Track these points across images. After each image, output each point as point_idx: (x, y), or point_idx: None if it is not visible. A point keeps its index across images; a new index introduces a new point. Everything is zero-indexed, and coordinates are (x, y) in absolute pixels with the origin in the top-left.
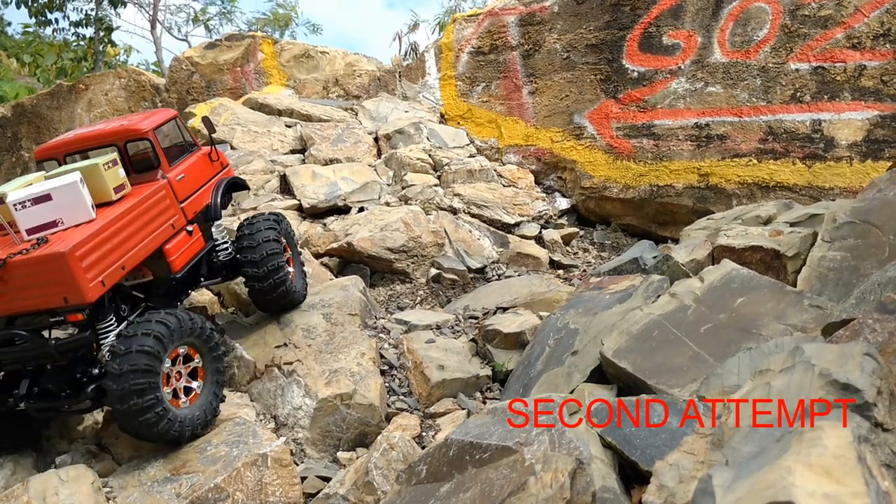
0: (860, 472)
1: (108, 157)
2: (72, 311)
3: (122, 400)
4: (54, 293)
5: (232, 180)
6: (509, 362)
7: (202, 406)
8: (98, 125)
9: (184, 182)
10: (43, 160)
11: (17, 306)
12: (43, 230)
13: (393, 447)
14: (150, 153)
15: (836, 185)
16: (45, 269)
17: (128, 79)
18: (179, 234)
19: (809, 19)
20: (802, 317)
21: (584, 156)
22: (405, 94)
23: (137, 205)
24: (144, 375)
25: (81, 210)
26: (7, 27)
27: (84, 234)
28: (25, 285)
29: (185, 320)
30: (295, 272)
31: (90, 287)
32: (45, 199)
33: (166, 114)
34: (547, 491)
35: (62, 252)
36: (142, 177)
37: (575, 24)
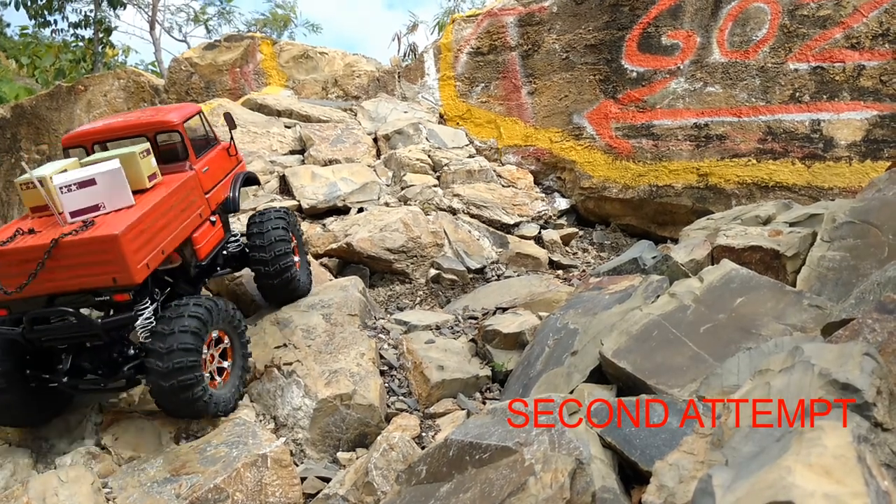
0: (860, 472)
1: (143, 146)
2: (119, 291)
3: (166, 377)
4: (104, 273)
5: (246, 175)
6: (509, 363)
7: (232, 385)
8: (127, 116)
9: (208, 174)
10: (70, 147)
11: (64, 285)
12: (85, 213)
13: (393, 447)
14: (179, 145)
15: (835, 184)
16: (96, 250)
17: (127, 80)
18: (205, 223)
19: (808, 19)
20: (802, 317)
21: (583, 156)
22: (404, 95)
23: (175, 193)
24: (189, 354)
25: (123, 196)
26: (6, 28)
27: (132, 219)
28: (75, 265)
29: (220, 305)
30: (301, 266)
31: (138, 269)
32: (89, 183)
33: (192, 108)
34: (547, 491)
35: (115, 234)
36: (169, 167)
37: (574, 24)
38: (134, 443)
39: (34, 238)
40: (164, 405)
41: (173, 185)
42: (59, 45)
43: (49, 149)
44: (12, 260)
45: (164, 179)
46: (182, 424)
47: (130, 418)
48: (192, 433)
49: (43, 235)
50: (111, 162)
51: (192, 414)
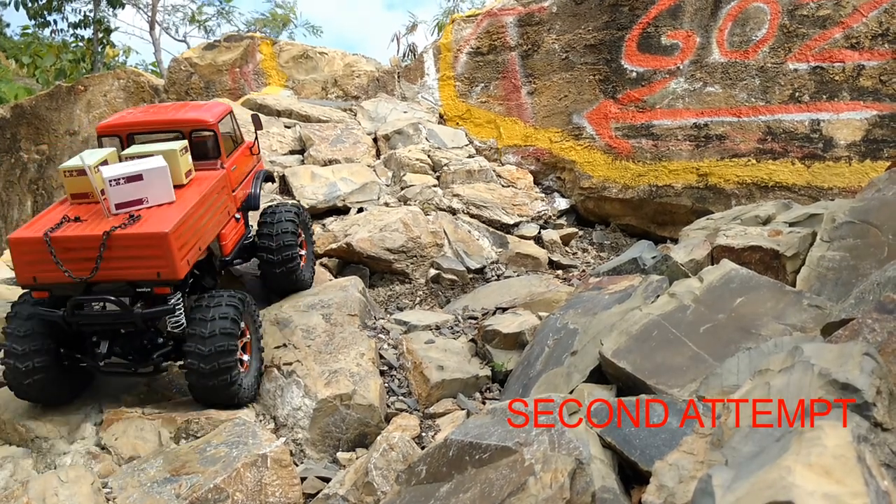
0: (860, 472)
1: (182, 143)
2: (162, 284)
3: (207, 359)
4: (149, 267)
5: (265, 174)
6: (509, 363)
7: (253, 376)
8: (162, 110)
9: (235, 173)
10: (104, 135)
11: (108, 275)
12: (130, 206)
13: (392, 447)
14: (212, 143)
15: (834, 184)
16: (146, 245)
17: (126, 80)
18: (230, 220)
19: (808, 19)
20: (802, 317)
21: (582, 156)
22: (404, 95)
23: (211, 192)
24: (229, 339)
25: (165, 192)
26: (6, 28)
27: (178, 217)
28: (122, 257)
29: (246, 299)
30: (306, 260)
31: (182, 265)
32: (137, 178)
33: (225, 107)
34: (546, 491)
35: (165, 232)
36: (201, 164)
37: (573, 24)
38: (134, 443)
39: (84, 227)
40: (198, 389)
41: (209, 184)
42: (59, 45)
43: (49, 149)
44: (63, 247)
45: (197, 176)
46: (182, 424)
47: (130, 418)
48: (191, 433)
49: (91, 225)
50: (157, 159)
51: (225, 399)
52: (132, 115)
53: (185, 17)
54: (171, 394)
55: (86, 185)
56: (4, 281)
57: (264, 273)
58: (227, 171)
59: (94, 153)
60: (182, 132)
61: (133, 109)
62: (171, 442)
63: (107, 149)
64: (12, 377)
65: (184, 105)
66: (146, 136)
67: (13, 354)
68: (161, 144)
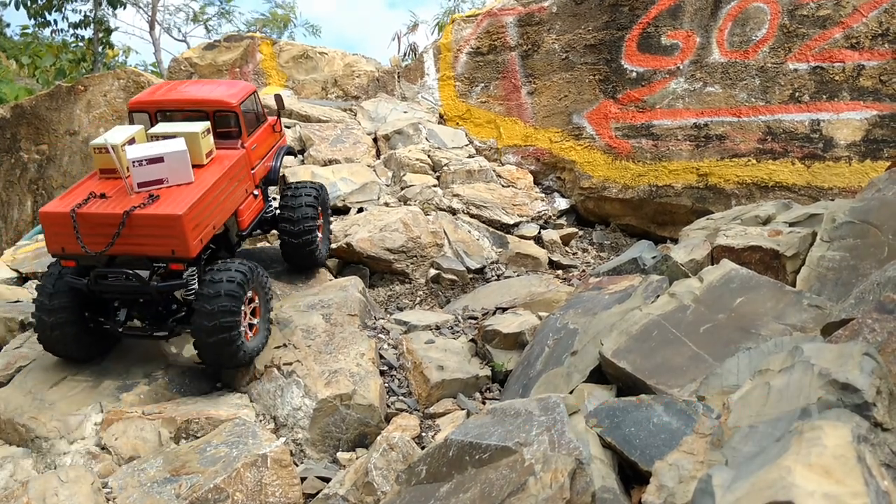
0: (860, 472)
1: (204, 125)
2: (176, 261)
3: (210, 333)
4: (165, 244)
5: (287, 148)
6: (509, 363)
7: (260, 338)
8: (188, 88)
9: (255, 151)
10: (135, 111)
11: (128, 249)
12: (151, 185)
13: (392, 447)
14: (234, 124)
15: (834, 184)
16: (161, 225)
17: (126, 80)
18: (248, 197)
19: (808, 19)
20: (802, 317)
21: (582, 156)
22: (404, 95)
23: (227, 174)
24: (232, 301)
25: (185, 173)
26: (6, 28)
27: (193, 199)
28: (140, 234)
29: (254, 269)
30: (322, 237)
31: (194, 244)
32: (158, 160)
33: (248, 88)
34: (547, 491)
35: (179, 215)
36: (223, 143)
37: (573, 24)
38: (134, 443)
39: (107, 205)
40: (202, 348)
41: (227, 165)
42: (59, 45)
43: (49, 149)
44: (88, 222)
45: (218, 156)
46: (182, 424)
47: (130, 418)
48: (191, 433)
49: (114, 203)
50: (178, 142)
51: (226, 357)
52: (161, 93)
53: (188, 17)
54: (172, 394)
55: (111, 162)
56: (4, 281)
57: (283, 247)
58: (248, 150)
59: (123, 130)
60: (206, 112)
61: (163, 85)
62: (171, 442)
63: (135, 126)
64: (40, 329)
65: (211, 83)
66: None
67: (41, 308)
68: (185, 125)
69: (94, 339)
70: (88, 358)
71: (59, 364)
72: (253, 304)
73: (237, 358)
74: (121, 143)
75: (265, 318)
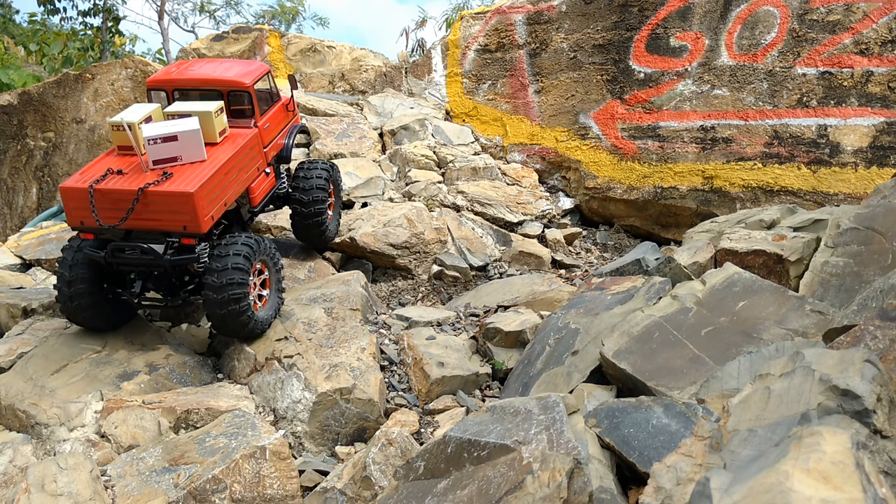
0: (858, 479)
1: (218, 104)
2: (187, 236)
3: (220, 290)
4: (177, 220)
5: (301, 127)
6: (509, 361)
7: (270, 308)
8: (204, 67)
9: (268, 130)
10: (153, 89)
11: (142, 224)
12: (165, 163)
13: (391, 443)
14: (247, 103)
15: (840, 190)
16: (174, 201)
17: (134, 69)
18: (260, 174)
19: (818, 24)
20: (804, 322)
21: (588, 156)
22: (411, 91)
23: (239, 153)
24: (239, 273)
25: (197, 152)
26: (15, 15)
27: (204, 177)
28: (154, 210)
29: (262, 242)
30: (333, 215)
31: (205, 220)
32: (172, 139)
33: (262, 68)
34: (544, 490)
35: (191, 192)
36: (236, 122)
37: (582, 23)
38: (133, 432)
39: (123, 181)
40: (214, 319)
41: (239, 144)
42: (68, 33)
43: (55, 136)
44: (105, 197)
45: (231, 134)
46: (182, 414)
47: (130, 407)
48: (191, 423)
49: (130, 179)
50: (192, 121)
51: (237, 328)
52: (178, 72)
53: (195, 7)
54: (172, 384)
55: (128, 139)
56: (8, 267)
57: (294, 222)
58: (260, 129)
59: (140, 108)
60: (220, 91)
61: (180, 63)
62: (171, 432)
63: (152, 105)
64: (61, 299)
65: (226, 62)
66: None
67: (62, 279)
68: (199, 104)
69: (112, 309)
70: (107, 327)
71: (60, 351)
72: (262, 276)
73: (248, 328)
74: (137, 121)
75: (275, 288)
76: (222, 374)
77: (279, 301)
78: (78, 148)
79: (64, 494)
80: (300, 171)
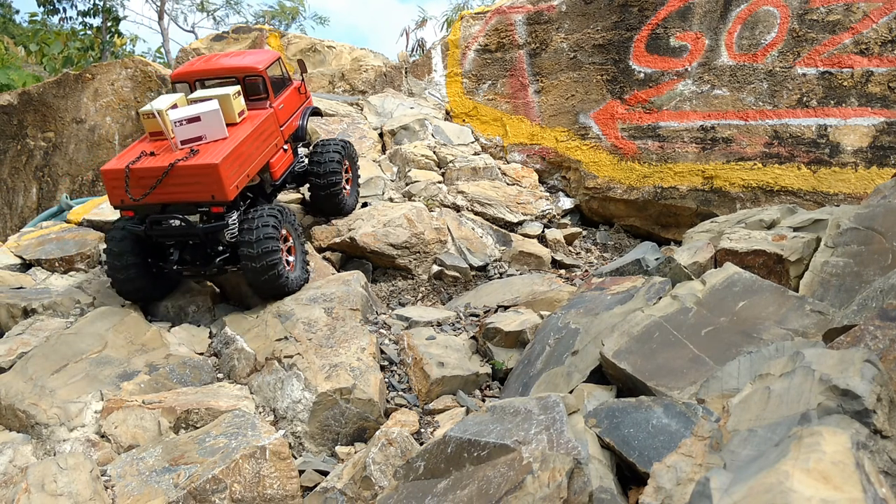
0: (858, 479)
1: (235, 88)
2: (216, 204)
3: (256, 259)
4: (205, 190)
5: (313, 108)
6: (509, 361)
7: (298, 270)
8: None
9: (283, 110)
10: (177, 81)
11: (176, 197)
12: (192, 142)
13: (391, 443)
14: (262, 87)
15: (840, 190)
16: (201, 173)
17: (134, 69)
18: (279, 151)
19: (818, 24)
20: (804, 322)
21: (588, 156)
22: (411, 91)
23: (257, 129)
24: (271, 241)
25: (219, 130)
26: (15, 15)
27: (227, 150)
28: (184, 183)
29: (284, 211)
30: (350, 189)
31: (230, 189)
32: (195, 119)
33: (273, 55)
34: (544, 490)
35: (215, 163)
36: (253, 105)
37: (582, 23)
38: (133, 432)
39: (155, 160)
40: (254, 284)
41: (257, 122)
42: (68, 33)
43: (55, 136)
44: (141, 175)
45: (249, 115)
46: (182, 414)
47: (131, 407)
48: (191, 423)
49: (161, 158)
50: (212, 102)
51: (276, 289)
52: (197, 65)
53: (193, 5)
54: (172, 384)
55: (157, 125)
56: (8, 267)
57: (312, 196)
58: (275, 109)
59: (167, 98)
60: (237, 78)
61: (198, 59)
62: (171, 432)
63: (177, 94)
64: (111, 275)
65: (240, 53)
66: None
67: (111, 255)
68: (219, 90)
69: (156, 282)
70: (152, 298)
71: (60, 351)
72: (288, 244)
73: (282, 283)
74: (165, 108)
75: (300, 253)
76: (222, 374)
77: (306, 262)
78: (78, 148)
79: (64, 494)
80: (316, 150)
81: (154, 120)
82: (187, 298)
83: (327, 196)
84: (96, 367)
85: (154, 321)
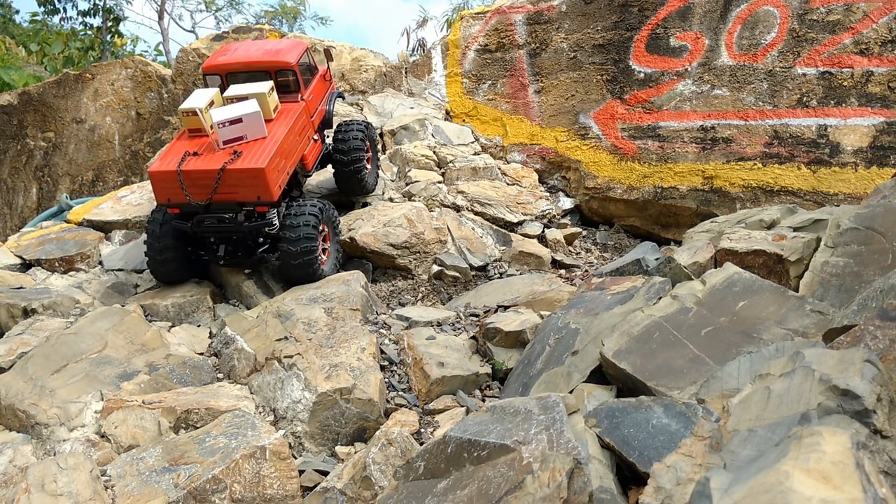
0: (858, 479)
1: (269, 84)
2: (261, 204)
3: (295, 257)
4: (252, 192)
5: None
6: (509, 361)
7: (332, 260)
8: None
9: (313, 101)
10: (208, 74)
11: (222, 197)
12: (233, 142)
13: (391, 443)
14: (293, 80)
15: (840, 190)
16: (249, 176)
17: (134, 69)
18: (311, 142)
19: (818, 24)
20: (804, 322)
21: (588, 156)
22: (411, 91)
23: (294, 127)
24: (312, 240)
25: (259, 130)
26: (15, 15)
27: (271, 152)
28: (232, 184)
29: (325, 209)
30: (371, 168)
31: (275, 190)
32: (237, 121)
33: (302, 45)
34: (544, 490)
35: (263, 167)
36: (285, 98)
37: (582, 23)
38: (133, 432)
39: (202, 161)
40: (290, 273)
41: (291, 118)
42: (68, 33)
43: (55, 136)
44: (190, 177)
45: (283, 109)
46: (182, 415)
47: (131, 407)
48: (191, 423)
49: (207, 160)
50: (252, 104)
51: (308, 277)
52: (228, 56)
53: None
54: (172, 384)
55: (198, 123)
56: (8, 267)
57: (336, 175)
58: (307, 101)
59: (203, 94)
60: (269, 71)
61: (227, 48)
62: (171, 432)
63: (211, 90)
64: (150, 260)
65: (268, 43)
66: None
67: (152, 247)
68: (253, 86)
69: (190, 268)
70: (183, 280)
71: (60, 351)
72: (324, 233)
73: (316, 270)
74: (205, 106)
75: (334, 241)
76: (222, 374)
77: (338, 251)
78: (78, 148)
79: (64, 494)
80: (339, 131)
81: (194, 118)
82: (187, 298)
83: (350, 174)
84: (96, 367)
85: (154, 321)
